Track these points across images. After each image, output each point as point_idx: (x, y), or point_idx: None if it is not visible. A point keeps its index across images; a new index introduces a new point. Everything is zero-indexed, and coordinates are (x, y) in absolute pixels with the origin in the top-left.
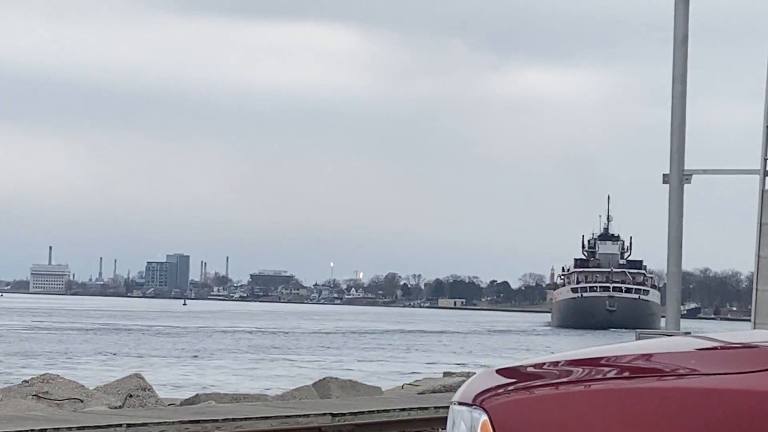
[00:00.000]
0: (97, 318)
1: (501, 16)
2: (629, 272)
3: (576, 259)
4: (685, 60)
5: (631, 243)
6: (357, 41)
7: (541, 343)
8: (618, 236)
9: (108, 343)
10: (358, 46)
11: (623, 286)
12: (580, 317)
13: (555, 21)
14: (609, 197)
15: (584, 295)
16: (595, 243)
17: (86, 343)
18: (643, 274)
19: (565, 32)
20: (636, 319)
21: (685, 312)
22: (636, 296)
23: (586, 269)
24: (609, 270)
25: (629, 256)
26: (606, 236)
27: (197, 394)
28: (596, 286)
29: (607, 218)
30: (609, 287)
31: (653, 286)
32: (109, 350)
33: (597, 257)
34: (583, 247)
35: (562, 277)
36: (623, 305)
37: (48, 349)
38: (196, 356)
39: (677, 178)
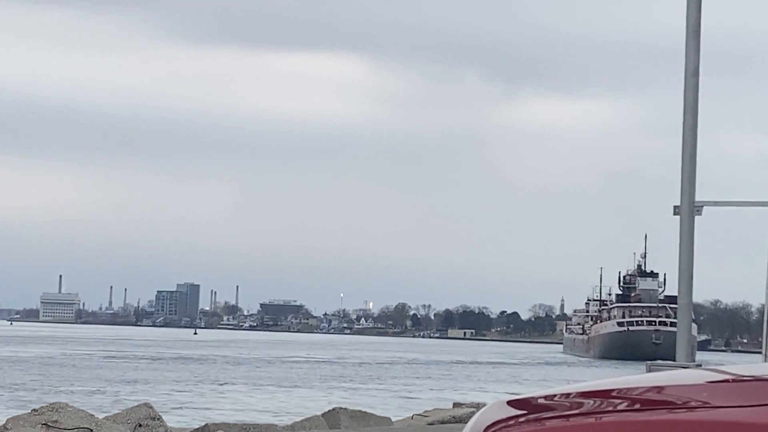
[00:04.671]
0: (151, 347)
1: (512, 46)
2: (669, 307)
3: (617, 295)
4: (696, 91)
5: (665, 279)
6: (369, 71)
7: (603, 376)
8: (656, 273)
9: (202, 372)
10: (370, 76)
11: (667, 320)
12: (626, 350)
13: (566, 50)
14: (646, 236)
15: (630, 328)
16: (631, 279)
17: (171, 372)
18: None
19: (577, 62)
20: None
21: (695, 344)
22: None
23: (628, 304)
24: (652, 305)
25: (663, 291)
26: (644, 273)
27: (206, 424)
28: (642, 320)
29: (643, 255)
30: (654, 321)
31: (693, 320)
32: (218, 380)
33: (638, 292)
34: (620, 282)
35: (602, 310)
36: (668, 338)
37: (135, 377)
38: (296, 385)
39: (688, 209)
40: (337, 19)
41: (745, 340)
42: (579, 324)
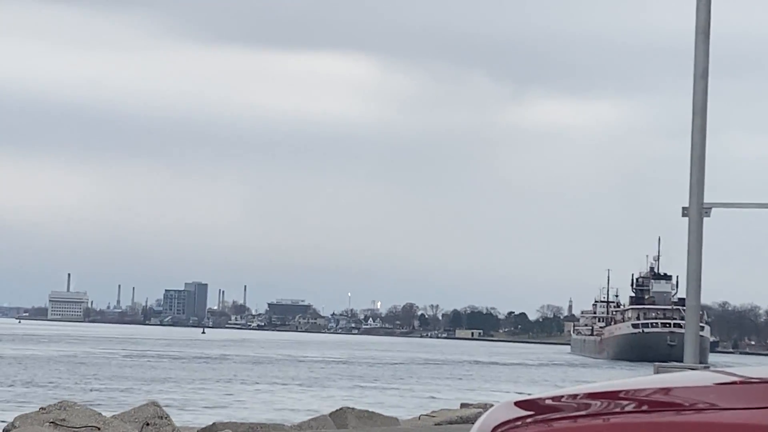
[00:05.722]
0: (174, 347)
1: (521, 47)
2: (683, 309)
3: (631, 297)
4: (705, 93)
5: (677, 281)
6: (378, 72)
7: (620, 377)
8: (670, 275)
9: (214, 371)
10: (378, 76)
11: (682, 322)
12: (640, 351)
13: (575, 51)
14: (660, 238)
15: (645, 330)
16: (643, 281)
17: (212, 371)
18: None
19: (586, 63)
20: None
21: (708, 346)
22: None
23: (643, 306)
24: (666, 307)
25: (676, 293)
26: (658, 275)
27: (214, 423)
28: (656, 323)
29: (656, 257)
30: (669, 323)
31: (707, 323)
32: (229, 379)
33: (651, 295)
34: (633, 284)
35: (615, 312)
36: (683, 340)
37: (154, 376)
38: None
39: (696, 211)
40: (346, 19)
41: (752, 342)
42: (587, 325)
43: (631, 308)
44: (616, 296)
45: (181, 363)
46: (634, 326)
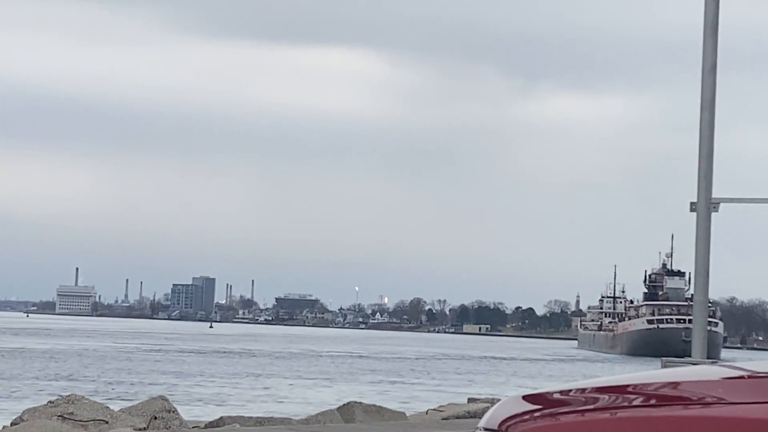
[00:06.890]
0: (185, 341)
1: (530, 42)
2: None
3: (645, 293)
4: (714, 88)
5: (689, 278)
6: (386, 66)
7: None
8: (683, 272)
9: (227, 365)
10: (387, 71)
11: None
12: (655, 347)
13: (585, 46)
14: (673, 235)
15: (660, 326)
16: (656, 278)
17: (239, 365)
18: (711, 308)
19: (595, 57)
20: (707, 349)
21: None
22: (709, 328)
23: (657, 302)
24: (681, 303)
25: (689, 290)
26: (671, 271)
27: (222, 417)
28: (671, 318)
29: (669, 254)
30: (684, 319)
31: (720, 319)
32: (241, 373)
33: (665, 291)
34: (646, 280)
35: (629, 308)
36: None
37: (184, 370)
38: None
39: (705, 206)
40: (354, 13)
41: (760, 338)
42: (594, 320)
43: (645, 304)
44: (623, 292)
45: (201, 357)
46: (649, 322)
